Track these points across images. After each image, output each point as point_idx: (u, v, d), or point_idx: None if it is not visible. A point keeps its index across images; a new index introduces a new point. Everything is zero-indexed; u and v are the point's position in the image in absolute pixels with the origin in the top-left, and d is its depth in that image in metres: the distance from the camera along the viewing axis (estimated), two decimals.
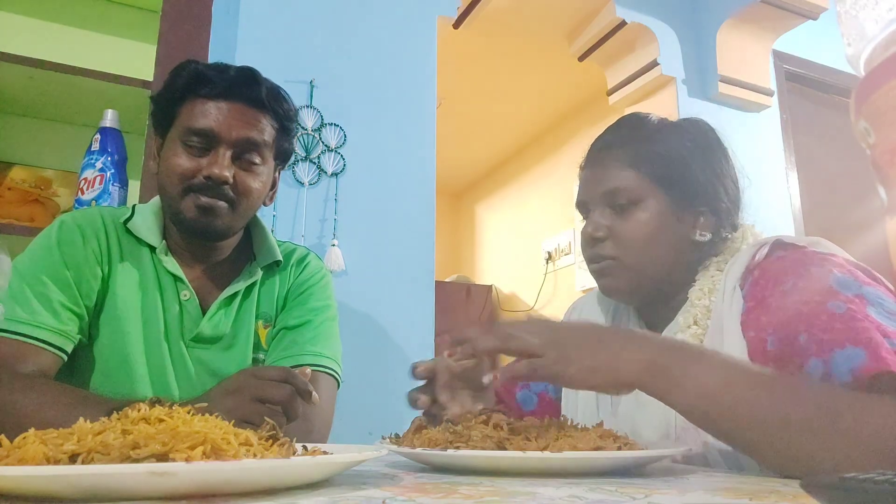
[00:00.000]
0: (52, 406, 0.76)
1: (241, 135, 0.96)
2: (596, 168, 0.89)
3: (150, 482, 0.38)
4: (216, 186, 0.94)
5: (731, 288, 0.78)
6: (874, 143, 0.33)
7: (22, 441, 0.44)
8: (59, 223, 0.96)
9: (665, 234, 0.84)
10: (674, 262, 0.85)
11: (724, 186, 0.87)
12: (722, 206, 0.86)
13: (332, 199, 1.78)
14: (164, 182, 0.97)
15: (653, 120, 0.91)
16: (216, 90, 0.96)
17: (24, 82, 1.38)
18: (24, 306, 0.86)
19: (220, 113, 0.96)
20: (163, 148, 1.00)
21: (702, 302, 0.81)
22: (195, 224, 0.96)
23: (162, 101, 1.00)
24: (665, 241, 0.84)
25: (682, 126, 0.90)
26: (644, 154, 0.85)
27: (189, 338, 0.98)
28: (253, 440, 0.48)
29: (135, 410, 0.49)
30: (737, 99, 2.47)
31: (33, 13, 1.60)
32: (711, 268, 0.84)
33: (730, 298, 0.78)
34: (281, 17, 1.82)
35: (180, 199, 0.95)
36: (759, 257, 0.78)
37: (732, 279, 0.79)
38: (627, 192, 0.84)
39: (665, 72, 2.42)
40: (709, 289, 0.81)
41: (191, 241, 1.01)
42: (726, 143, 0.91)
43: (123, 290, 0.96)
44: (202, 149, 0.95)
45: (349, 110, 1.85)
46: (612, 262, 0.85)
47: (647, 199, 0.84)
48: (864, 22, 0.34)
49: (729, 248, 0.85)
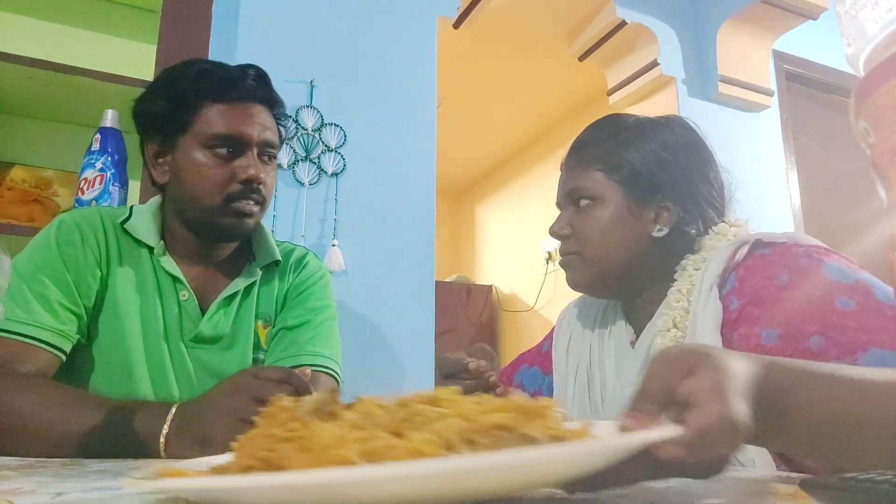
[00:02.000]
0: (49, 406, 0.75)
1: (264, 136, 0.98)
2: (565, 169, 0.94)
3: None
4: (251, 189, 0.96)
5: (706, 288, 0.78)
6: (874, 143, 0.33)
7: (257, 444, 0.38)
8: (58, 223, 0.96)
9: (621, 229, 0.87)
10: (633, 256, 0.87)
11: (694, 183, 0.88)
12: (692, 202, 0.87)
13: (332, 199, 1.78)
14: (195, 192, 0.95)
15: (626, 120, 0.93)
16: (237, 93, 0.97)
17: (24, 82, 1.38)
18: (23, 306, 0.86)
19: (245, 115, 0.97)
20: (171, 153, 0.98)
21: (680, 304, 0.81)
22: (230, 229, 0.97)
23: (169, 103, 0.97)
24: (621, 236, 0.87)
25: (656, 125, 0.91)
26: (606, 153, 0.88)
27: (189, 338, 0.98)
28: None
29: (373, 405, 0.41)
30: (737, 99, 2.47)
31: (33, 13, 1.60)
32: (689, 267, 0.84)
33: (705, 299, 0.78)
34: (281, 17, 1.81)
35: (218, 208, 0.95)
36: (738, 257, 0.78)
37: (709, 279, 0.79)
38: (587, 191, 0.88)
39: (665, 72, 2.42)
40: (686, 289, 0.82)
41: (203, 242, 1.01)
42: (706, 140, 0.92)
43: (122, 291, 0.96)
44: (229, 154, 0.96)
45: (349, 110, 1.85)
46: (575, 257, 0.90)
47: (605, 196, 0.87)
48: (864, 22, 0.34)
49: (707, 246, 0.85)
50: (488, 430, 0.36)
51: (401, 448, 0.34)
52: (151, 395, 0.93)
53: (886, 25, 0.33)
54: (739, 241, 0.80)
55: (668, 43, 2.46)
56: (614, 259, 0.87)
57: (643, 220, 0.87)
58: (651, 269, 0.88)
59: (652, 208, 0.87)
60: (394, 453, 0.34)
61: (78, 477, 0.53)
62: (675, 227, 0.86)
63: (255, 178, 0.95)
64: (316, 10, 1.87)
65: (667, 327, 0.81)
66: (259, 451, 0.38)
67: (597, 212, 0.87)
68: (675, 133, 0.90)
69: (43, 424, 0.74)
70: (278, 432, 0.39)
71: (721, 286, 0.78)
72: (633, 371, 0.86)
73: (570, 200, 0.91)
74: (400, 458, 0.33)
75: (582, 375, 0.94)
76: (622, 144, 0.88)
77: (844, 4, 0.35)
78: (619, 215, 0.87)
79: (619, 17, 2.39)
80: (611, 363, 0.92)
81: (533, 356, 1.09)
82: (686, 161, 0.88)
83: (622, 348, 0.91)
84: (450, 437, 0.35)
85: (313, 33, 1.85)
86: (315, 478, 0.30)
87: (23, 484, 0.47)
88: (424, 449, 0.34)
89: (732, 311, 0.75)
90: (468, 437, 0.36)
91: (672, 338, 0.80)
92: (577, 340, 0.99)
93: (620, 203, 0.87)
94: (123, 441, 0.71)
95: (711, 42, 2.46)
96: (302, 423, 0.40)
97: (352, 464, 0.33)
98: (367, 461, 0.33)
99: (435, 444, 0.34)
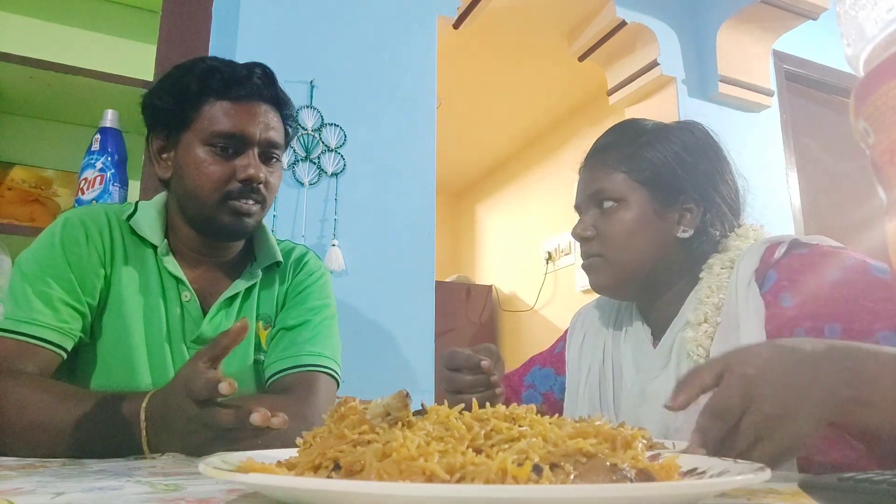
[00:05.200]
0: (43, 405, 0.75)
1: (267, 136, 0.97)
2: (587, 171, 0.94)
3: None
4: (251, 189, 0.96)
5: (744, 284, 0.79)
6: (874, 143, 0.33)
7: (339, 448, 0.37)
8: (63, 220, 0.96)
9: (646, 231, 0.87)
10: (658, 257, 0.88)
11: (715, 185, 0.89)
12: (713, 204, 0.88)
13: (332, 199, 1.78)
14: (195, 189, 0.95)
15: (646, 124, 0.94)
16: (242, 92, 0.96)
17: (24, 82, 1.38)
18: (24, 305, 0.86)
19: (248, 114, 0.96)
20: (174, 148, 0.98)
21: (711, 300, 0.83)
22: (230, 227, 0.97)
23: (175, 99, 0.97)
24: (646, 238, 0.87)
25: (675, 128, 0.93)
26: (630, 156, 0.89)
27: (190, 339, 0.98)
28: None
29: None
30: (737, 99, 2.47)
31: (33, 13, 1.60)
32: (716, 266, 0.85)
33: (745, 294, 0.79)
34: (281, 17, 1.82)
35: (216, 206, 0.95)
36: (777, 255, 0.80)
37: (745, 276, 0.80)
38: (611, 192, 0.88)
39: (665, 72, 2.42)
40: (717, 286, 0.83)
41: (205, 240, 1.01)
42: (722, 145, 0.93)
43: (126, 291, 0.95)
44: (231, 152, 0.95)
45: (349, 110, 1.85)
46: (599, 259, 0.90)
47: (629, 198, 0.88)
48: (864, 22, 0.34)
49: (732, 247, 0.87)
50: (573, 454, 0.35)
51: (486, 466, 0.33)
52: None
53: (886, 25, 0.33)
54: (769, 241, 0.82)
55: (668, 43, 2.46)
56: (639, 261, 0.88)
57: (668, 222, 0.88)
58: (674, 271, 0.89)
59: (676, 210, 0.88)
60: (479, 471, 0.33)
61: (78, 477, 0.53)
62: (698, 228, 0.88)
63: (255, 177, 0.95)
64: (316, 10, 1.87)
65: (698, 321, 0.82)
66: (329, 450, 0.38)
67: (621, 213, 0.88)
68: (695, 136, 0.92)
69: (37, 423, 0.74)
70: (349, 434, 0.40)
71: (759, 283, 0.79)
72: (655, 369, 0.87)
73: (592, 202, 0.91)
74: (484, 475, 0.33)
75: (594, 375, 0.96)
76: (644, 146, 0.89)
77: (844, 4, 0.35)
78: (643, 217, 0.87)
79: (619, 17, 2.39)
80: (628, 362, 0.93)
81: (545, 357, 1.10)
82: (707, 163, 0.89)
83: (641, 348, 0.93)
84: (534, 459, 0.34)
85: (313, 33, 1.85)
86: (407, 490, 0.30)
87: (23, 484, 0.47)
88: (510, 469, 0.33)
89: (788, 309, 0.75)
90: (551, 461, 0.35)
91: (704, 332, 0.81)
92: (591, 341, 1.00)
93: (645, 205, 0.87)
94: (113, 435, 0.71)
95: (711, 42, 2.46)
96: (370, 427, 0.40)
97: (437, 477, 0.33)
98: (450, 475, 0.33)
99: (520, 466, 0.33)
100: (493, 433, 0.38)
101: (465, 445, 0.37)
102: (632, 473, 0.35)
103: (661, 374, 0.86)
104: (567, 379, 1.02)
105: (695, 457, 0.45)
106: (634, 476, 0.35)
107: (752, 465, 0.40)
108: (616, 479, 0.34)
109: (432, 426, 0.40)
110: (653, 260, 0.88)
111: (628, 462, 0.35)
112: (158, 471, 0.57)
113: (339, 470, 0.37)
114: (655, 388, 0.85)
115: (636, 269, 0.88)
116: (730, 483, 0.34)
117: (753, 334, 0.75)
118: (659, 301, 0.91)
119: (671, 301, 0.90)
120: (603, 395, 0.94)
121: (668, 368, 0.85)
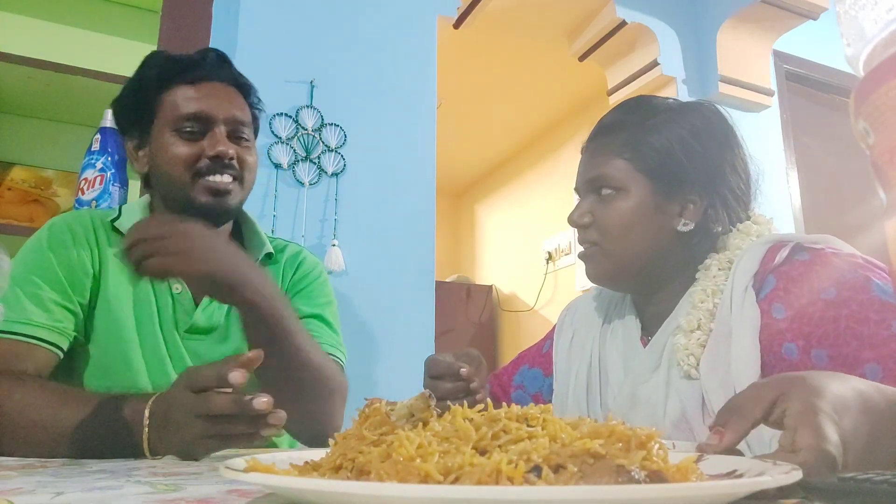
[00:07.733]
0: (40, 405, 0.76)
1: (231, 113, 0.99)
2: (588, 154, 0.90)
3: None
4: (222, 165, 0.97)
5: (740, 289, 0.76)
6: (874, 144, 0.33)
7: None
8: (49, 225, 0.97)
9: (644, 223, 0.83)
10: (655, 250, 0.84)
11: (723, 175, 0.84)
12: (719, 195, 0.84)
13: (332, 199, 1.78)
14: (167, 173, 0.97)
15: (655, 104, 0.88)
16: (198, 73, 0.99)
17: (24, 82, 1.38)
18: (16, 307, 0.87)
19: (208, 94, 0.98)
20: (148, 143, 1.00)
21: (705, 305, 0.79)
22: (209, 206, 0.97)
23: (137, 96, 1.00)
24: (644, 230, 0.83)
25: (685, 110, 0.87)
26: (633, 142, 0.84)
27: (183, 329, 0.99)
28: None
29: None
30: (737, 99, 2.47)
31: (33, 13, 1.60)
32: (713, 267, 0.81)
33: (739, 301, 0.75)
34: (281, 17, 1.82)
35: (191, 185, 0.96)
36: (778, 260, 0.76)
37: (742, 281, 0.76)
38: (610, 180, 0.84)
39: (665, 72, 2.42)
40: (712, 290, 0.79)
41: None
42: (735, 128, 0.88)
43: (115, 287, 0.96)
44: (198, 133, 0.97)
45: (349, 110, 1.85)
46: (595, 248, 0.86)
47: (629, 187, 0.83)
48: (864, 22, 0.34)
49: (732, 245, 0.82)
50: (580, 455, 0.34)
51: (480, 467, 0.33)
52: (150, 387, 0.93)
53: (886, 25, 0.33)
54: (771, 241, 0.78)
55: (668, 43, 2.46)
56: (635, 253, 0.84)
57: (668, 214, 0.83)
58: (672, 265, 0.85)
59: (678, 201, 0.83)
60: (473, 472, 0.33)
61: (78, 477, 0.53)
62: (700, 221, 0.83)
63: (224, 153, 0.96)
64: (316, 9, 1.87)
65: (691, 328, 0.79)
66: (350, 451, 0.39)
67: (619, 203, 0.83)
68: (706, 118, 0.87)
69: (39, 424, 0.74)
70: (369, 435, 0.40)
71: (757, 289, 0.76)
72: (645, 371, 0.84)
73: (591, 188, 0.87)
74: (478, 476, 0.32)
75: (582, 375, 0.93)
76: (650, 130, 0.84)
77: (844, 4, 0.35)
78: (642, 208, 0.83)
79: (619, 17, 2.39)
80: (616, 359, 0.90)
81: (533, 357, 1.07)
82: (716, 150, 0.85)
83: (631, 345, 0.89)
84: (535, 459, 0.34)
85: (313, 33, 1.85)
86: (383, 490, 0.30)
87: (23, 484, 0.47)
88: (505, 470, 0.32)
89: (779, 321, 0.73)
90: (556, 462, 0.34)
91: (696, 340, 0.78)
92: (580, 340, 0.97)
93: (645, 195, 0.83)
94: (115, 437, 0.71)
95: (711, 42, 2.46)
96: (391, 428, 0.41)
97: (432, 478, 0.33)
98: (446, 476, 0.33)
99: (516, 466, 0.33)
100: (501, 433, 0.38)
101: (470, 446, 0.36)
102: (641, 475, 0.34)
103: (652, 378, 0.82)
104: (555, 379, 0.98)
105: (734, 458, 0.43)
106: (644, 478, 0.33)
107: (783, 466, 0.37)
108: (622, 481, 0.33)
109: (442, 427, 0.40)
110: (649, 253, 0.84)
111: (638, 463, 0.34)
112: (158, 471, 0.57)
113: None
114: (647, 392, 0.82)
115: (632, 261, 0.84)
116: (730, 485, 0.34)
117: (745, 344, 0.73)
118: (655, 296, 0.88)
119: (667, 297, 0.86)
120: (590, 396, 0.90)
121: (659, 372, 0.82)
